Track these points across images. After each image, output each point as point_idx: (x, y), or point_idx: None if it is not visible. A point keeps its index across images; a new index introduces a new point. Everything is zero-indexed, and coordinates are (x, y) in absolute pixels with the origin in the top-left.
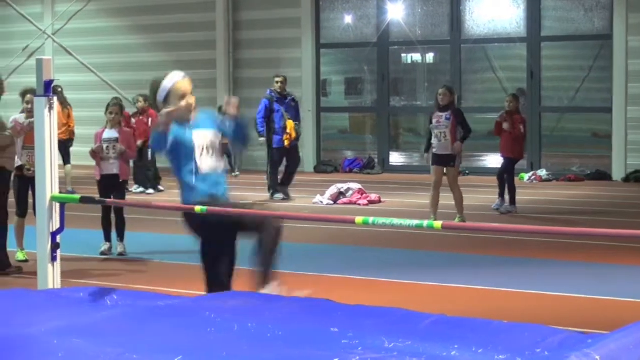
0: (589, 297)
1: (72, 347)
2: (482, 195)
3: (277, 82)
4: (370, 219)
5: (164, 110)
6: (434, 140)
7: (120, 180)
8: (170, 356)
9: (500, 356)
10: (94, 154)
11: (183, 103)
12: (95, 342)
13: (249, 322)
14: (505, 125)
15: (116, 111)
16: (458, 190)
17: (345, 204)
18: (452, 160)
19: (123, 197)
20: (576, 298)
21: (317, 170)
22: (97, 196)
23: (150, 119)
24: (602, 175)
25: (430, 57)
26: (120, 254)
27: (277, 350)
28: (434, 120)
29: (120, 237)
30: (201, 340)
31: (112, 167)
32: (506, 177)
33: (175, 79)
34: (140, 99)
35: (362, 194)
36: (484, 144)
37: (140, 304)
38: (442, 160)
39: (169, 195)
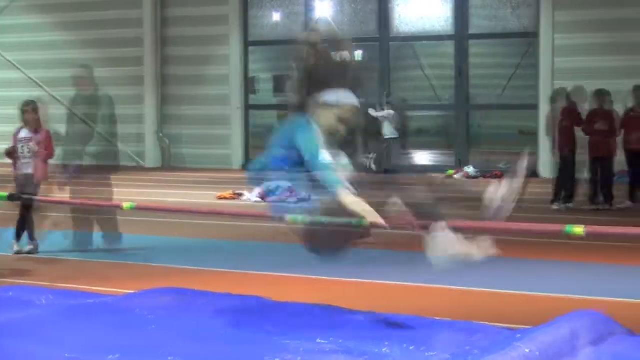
0: (518, 293)
1: (4, 346)
2: None
3: None
4: (301, 217)
5: None
6: None
7: (35, 181)
8: (105, 355)
9: (430, 353)
10: (9, 153)
11: None
12: (28, 341)
13: (183, 319)
14: None
15: (28, 111)
16: None
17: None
18: None
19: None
20: (505, 294)
21: (245, 167)
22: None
23: None
24: (529, 172)
25: (358, 54)
26: (29, 252)
27: (212, 348)
28: None
29: (30, 236)
30: (135, 338)
31: (27, 167)
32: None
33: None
34: None
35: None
36: (413, 142)
37: (72, 303)
38: None
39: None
